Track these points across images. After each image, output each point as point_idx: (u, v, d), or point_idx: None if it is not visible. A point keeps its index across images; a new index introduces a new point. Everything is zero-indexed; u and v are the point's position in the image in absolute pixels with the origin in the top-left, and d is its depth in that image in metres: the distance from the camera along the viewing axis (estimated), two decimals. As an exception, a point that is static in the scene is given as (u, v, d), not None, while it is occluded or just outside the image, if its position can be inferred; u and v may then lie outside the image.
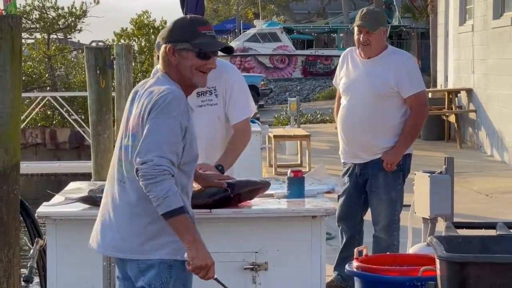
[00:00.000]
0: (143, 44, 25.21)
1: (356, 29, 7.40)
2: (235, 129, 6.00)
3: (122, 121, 4.76)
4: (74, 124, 18.08)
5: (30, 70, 26.11)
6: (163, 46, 4.72)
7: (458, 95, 18.81)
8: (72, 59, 28.87)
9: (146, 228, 4.57)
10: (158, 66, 4.86)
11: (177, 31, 4.76)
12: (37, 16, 29.18)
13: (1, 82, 6.15)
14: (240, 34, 44.03)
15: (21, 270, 6.43)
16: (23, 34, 10.55)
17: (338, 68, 7.73)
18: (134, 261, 4.63)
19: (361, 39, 7.38)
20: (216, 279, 4.65)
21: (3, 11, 8.15)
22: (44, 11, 29.02)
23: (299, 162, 14.52)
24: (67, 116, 18.56)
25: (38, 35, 29.48)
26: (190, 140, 4.61)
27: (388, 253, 6.87)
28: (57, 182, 12.82)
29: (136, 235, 4.57)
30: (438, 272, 5.33)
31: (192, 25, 4.78)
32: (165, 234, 4.55)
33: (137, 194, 4.55)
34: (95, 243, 4.75)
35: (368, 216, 7.61)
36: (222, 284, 4.82)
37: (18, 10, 23.09)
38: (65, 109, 18.36)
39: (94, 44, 16.80)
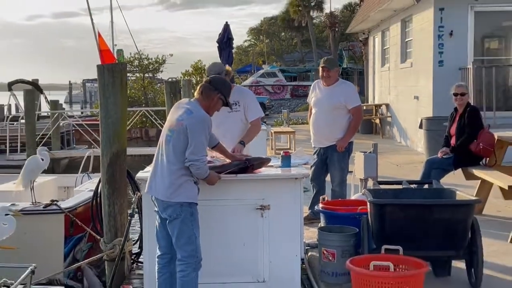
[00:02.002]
0: (198, 79, 25.17)
1: (321, 69, 7.36)
2: (251, 124, 6.01)
3: (167, 120, 4.86)
4: (158, 125, 18.09)
5: (133, 94, 26.36)
6: (215, 92, 4.78)
7: (380, 107, 18.73)
8: (157, 88, 28.92)
9: (174, 183, 4.58)
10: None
11: (224, 90, 4.82)
12: (137, 63, 29.32)
13: (115, 101, 6.12)
14: (254, 73, 43.81)
15: (128, 210, 6.43)
16: (128, 74, 10.46)
17: (310, 91, 7.70)
18: (162, 201, 4.65)
19: (324, 74, 7.33)
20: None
21: (117, 61, 8.17)
22: (141, 60, 29.14)
23: (288, 147, 14.47)
24: (153, 121, 18.51)
25: (137, 74, 29.63)
26: (208, 138, 4.74)
27: (339, 199, 6.87)
28: (148, 160, 12.66)
29: (168, 187, 4.58)
30: (368, 210, 5.34)
31: (229, 91, 4.93)
32: (182, 189, 4.59)
33: (174, 165, 4.59)
34: (148, 189, 4.80)
35: (328, 178, 7.58)
36: (230, 172, 5.06)
37: (125, 59, 23.01)
38: (153, 117, 18.30)
39: (169, 79, 17.04)
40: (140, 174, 5.35)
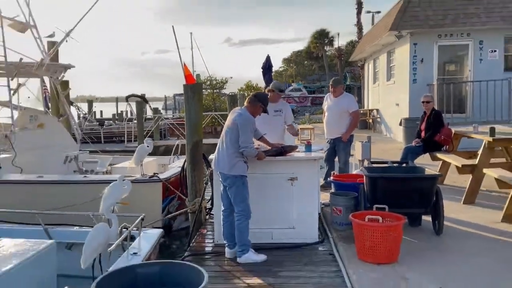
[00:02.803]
0: (248, 93, 25.08)
1: (330, 86, 7.26)
2: (289, 126, 5.96)
3: (227, 120, 4.82)
4: (222, 124, 18.15)
5: (206, 104, 26.38)
6: (259, 102, 4.73)
7: (372, 111, 18.34)
8: (222, 99, 28.92)
9: (231, 162, 4.55)
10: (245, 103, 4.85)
11: (264, 101, 4.77)
12: (208, 83, 29.39)
13: (195, 108, 6.16)
14: (286, 89, 43.49)
15: (203, 180, 6.46)
16: (203, 90, 10.45)
17: (324, 101, 7.58)
18: (223, 174, 4.64)
19: (332, 90, 7.23)
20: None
21: (195, 81, 8.19)
22: (211, 81, 29.20)
23: (309, 138, 14.31)
24: (219, 121, 18.54)
25: (209, 90, 29.69)
26: (253, 132, 4.70)
27: (344, 174, 6.75)
28: (215, 148, 12.33)
29: (227, 164, 4.57)
30: (364, 181, 5.25)
31: (267, 103, 4.83)
32: (236, 166, 4.56)
33: (230, 149, 4.58)
34: (213, 165, 4.80)
35: (336, 159, 7.46)
36: (271, 155, 4.94)
37: (201, 81, 22.87)
38: (219, 119, 18.34)
39: (230, 94, 17.04)
40: (211, 156, 5.34)
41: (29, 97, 9.29)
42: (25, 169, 7.86)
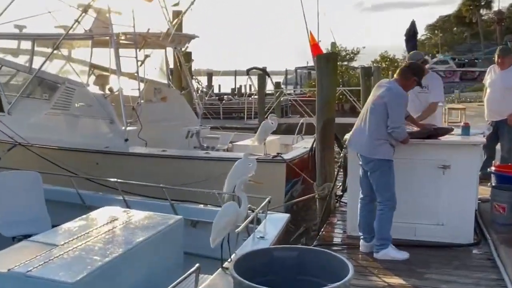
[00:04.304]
0: (384, 66, 24.15)
1: (496, 56, 6.69)
2: (429, 105, 5.65)
3: (370, 95, 4.70)
4: (351, 101, 17.87)
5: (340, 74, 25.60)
6: (412, 75, 4.56)
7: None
8: (351, 73, 28.27)
9: (373, 143, 4.47)
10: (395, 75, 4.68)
11: (419, 74, 4.61)
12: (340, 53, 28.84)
13: (328, 81, 6.14)
14: (429, 61, 41.13)
15: (336, 164, 6.47)
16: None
17: (486, 74, 7.05)
18: (365, 157, 4.56)
19: (499, 61, 6.66)
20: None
21: (331, 50, 8.13)
22: (338, 52, 28.63)
23: (459, 121, 13.40)
24: (348, 97, 18.25)
25: (337, 62, 29.17)
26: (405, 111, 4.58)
27: (509, 164, 6.22)
28: (342, 127, 12.23)
29: (370, 146, 4.49)
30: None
31: (422, 76, 4.72)
32: (381, 149, 4.46)
33: (374, 130, 4.48)
34: (349, 144, 4.79)
35: (497, 146, 6.91)
36: (423, 137, 4.80)
37: (335, 49, 22.52)
38: (348, 94, 18.07)
39: (362, 66, 16.68)
40: (347, 136, 5.29)
41: (155, 69, 10.04)
42: (149, 142, 8.56)
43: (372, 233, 4.71)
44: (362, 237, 4.85)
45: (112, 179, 5.43)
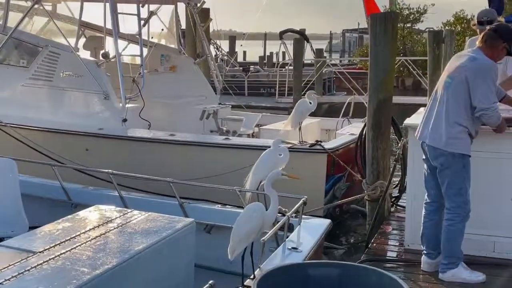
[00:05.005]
0: (460, 29, 23.66)
1: None
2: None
3: (446, 68, 4.62)
4: (415, 75, 17.61)
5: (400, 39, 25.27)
6: (501, 40, 4.44)
7: None
8: (416, 38, 27.86)
9: (450, 132, 4.39)
10: (477, 43, 4.55)
11: (509, 38, 4.47)
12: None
13: (385, 50, 6.11)
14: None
15: (392, 157, 6.44)
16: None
17: None
18: (435, 148, 4.48)
19: None
20: None
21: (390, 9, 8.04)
22: (401, 10, 28.23)
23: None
24: (411, 70, 18.01)
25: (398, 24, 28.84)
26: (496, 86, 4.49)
27: None
28: (403, 109, 12.07)
29: (443, 135, 4.41)
30: None
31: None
32: (457, 140, 4.38)
33: (452, 113, 4.39)
34: (419, 135, 4.67)
35: None
36: None
37: (397, 8, 22.33)
38: (411, 66, 17.82)
39: (430, 29, 16.44)
40: (408, 121, 5.25)
41: (162, 30, 10.07)
42: (153, 124, 8.66)
43: (439, 248, 4.68)
44: (425, 252, 4.83)
45: (105, 170, 5.48)
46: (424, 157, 4.68)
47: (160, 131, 8.40)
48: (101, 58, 8.59)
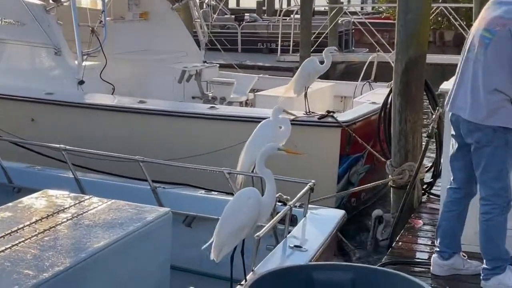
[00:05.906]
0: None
1: None
2: None
3: (482, 15, 4.54)
4: (457, 27, 17.53)
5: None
6: None
7: None
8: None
9: (491, 102, 4.36)
10: None
11: None
12: None
13: None
14: None
15: (424, 129, 6.45)
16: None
17: None
18: (469, 122, 4.46)
19: None
20: None
21: None
22: None
23: None
24: (452, 20, 17.95)
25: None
26: None
27: None
28: (441, 71, 12.04)
29: (480, 106, 4.39)
30: None
31: None
32: (499, 111, 4.36)
33: (493, 78, 4.37)
34: (450, 106, 4.66)
35: None
36: None
37: None
38: (452, 16, 17.74)
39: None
40: (444, 86, 5.26)
41: None
42: (118, 87, 8.66)
43: (455, 247, 4.77)
44: (437, 249, 4.89)
45: (56, 145, 5.49)
46: (453, 132, 4.69)
47: (126, 96, 8.43)
48: (50, 1, 8.55)
